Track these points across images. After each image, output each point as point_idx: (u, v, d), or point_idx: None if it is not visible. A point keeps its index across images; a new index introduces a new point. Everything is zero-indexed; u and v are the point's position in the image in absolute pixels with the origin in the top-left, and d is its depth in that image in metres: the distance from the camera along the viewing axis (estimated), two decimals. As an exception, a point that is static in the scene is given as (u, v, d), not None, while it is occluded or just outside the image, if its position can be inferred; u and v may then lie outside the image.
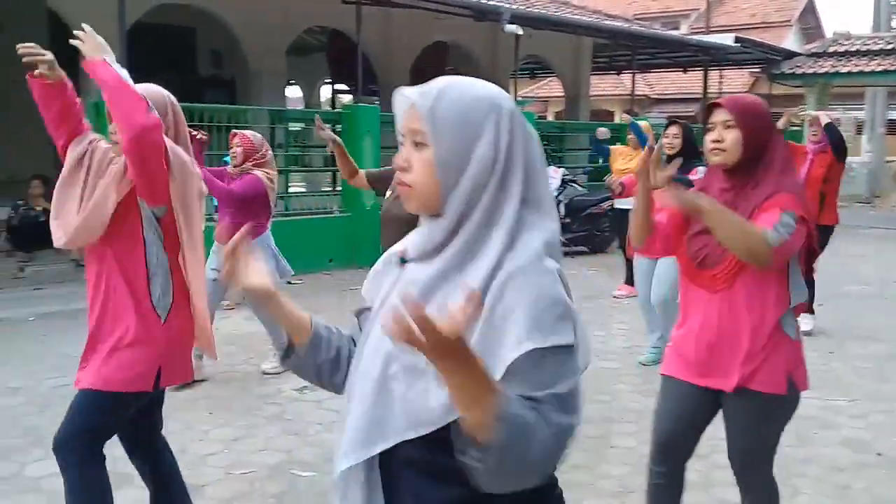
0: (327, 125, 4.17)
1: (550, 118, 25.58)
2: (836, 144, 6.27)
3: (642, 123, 8.09)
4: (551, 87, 28.20)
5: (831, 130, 6.28)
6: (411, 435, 1.23)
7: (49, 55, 2.43)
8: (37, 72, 2.45)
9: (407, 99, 1.29)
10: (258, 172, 4.83)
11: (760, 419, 2.58)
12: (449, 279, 1.26)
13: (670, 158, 5.15)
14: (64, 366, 5.25)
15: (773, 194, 2.39)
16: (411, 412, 1.23)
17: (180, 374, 2.65)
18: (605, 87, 28.45)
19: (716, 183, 2.55)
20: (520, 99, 12.92)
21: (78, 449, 2.51)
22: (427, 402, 1.21)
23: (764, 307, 2.45)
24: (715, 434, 4.21)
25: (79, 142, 2.57)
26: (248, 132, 5.04)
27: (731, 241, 2.33)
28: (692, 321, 2.59)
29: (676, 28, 29.39)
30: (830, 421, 4.45)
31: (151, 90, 2.62)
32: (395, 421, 1.26)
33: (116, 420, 2.60)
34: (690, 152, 5.06)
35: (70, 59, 2.78)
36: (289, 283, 7.39)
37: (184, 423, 4.31)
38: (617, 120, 13.79)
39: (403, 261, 1.37)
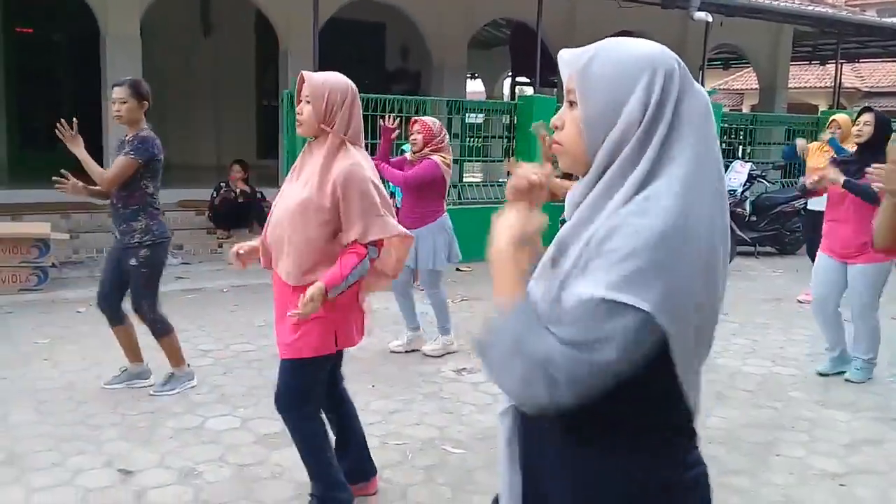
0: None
1: (746, 111, 24.17)
2: None
3: (841, 117, 7.44)
4: (747, 79, 26.65)
5: None
6: None
7: None
8: None
9: (566, 61, 1.32)
10: (435, 157, 5.05)
11: None
12: (577, 233, 1.27)
13: (860, 147, 4.80)
14: (249, 334, 5.72)
15: None
16: None
17: (353, 338, 2.94)
18: (809, 78, 26.45)
19: None
20: (708, 89, 12.30)
21: (292, 407, 2.89)
22: None
23: None
24: (895, 453, 3.87)
25: None
26: (427, 118, 5.24)
27: None
28: None
29: (895, 15, 26.75)
30: None
31: (335, 79, 2.82)
32: None
33: (315, 379, 2.92)
34: (880, 144, 4.67)
35: (272, 59, 3.02)
36: (457, 269, 7.56)
37: (349, 392, 4.55)
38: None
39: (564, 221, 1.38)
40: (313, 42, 8.42)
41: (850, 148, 5.12)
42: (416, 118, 5.25)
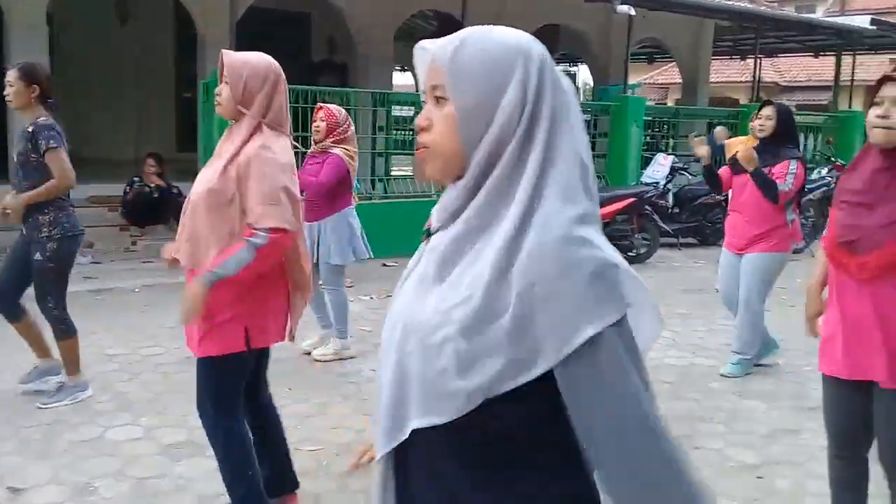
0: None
1: (671, 105, 24.64)
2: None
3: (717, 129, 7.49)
4: (672, 74, 27.16)
5: None
6: (428, 423, 1.13)
7: None
8: None
9: (427, 53, 1.18)
10: (338, 151, 4.79)
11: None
12: (466, 244, 1.13)
13: (763, 141, 4.80)
14: (160, 336, 5.46)
15: None
16: (429, 396, 1.12)
17: (269, 336, 2.74)
18: (731, 73, 27.12)
19: (870, 163, 2.40)
20: (631, 83, 12.44)
21: (206, 408, 2.73)
22: (446, 385, 1.10)
23: None
24: (811, 442, 3.91)
25: None
26: (332, 106, 5.01)
27: None
28: (840, 311, 2.50)
29: (812, 12, 27.74)
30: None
31: (255, 59, 2.66)
32: (413, 405, 1.15)
33: (229, 379, 2.74)
34: (785, 137, 4.74)
35: (191, 49, 2.81)
36: (384, 265, 7.42)
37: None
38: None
39: (429, 233, 1.23)
40: (230, 31, 8.13)
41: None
42: (320, 104, 5.04)
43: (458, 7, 10.22)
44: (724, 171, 5.07)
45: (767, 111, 4.79)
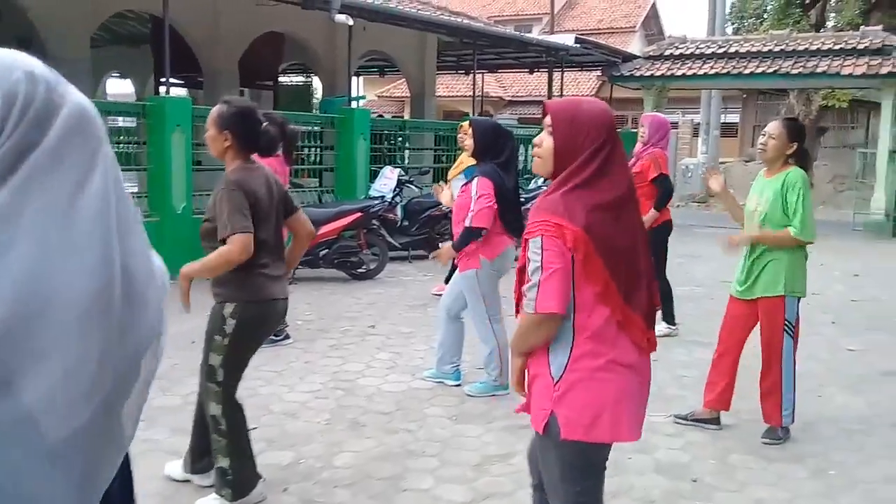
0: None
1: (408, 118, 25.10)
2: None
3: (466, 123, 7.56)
4: (406, 88, 27.74)
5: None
6: None
7: None
8: None
9: None
10: None
11: (541, 462, 2.38)
12: None
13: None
14: None
15: None
16: None
17: None
18: (461, 87, 28.28)
19: None
20: (359, 95, 12.27)
21: None
22: None
23: None
24: (521, 467, 3.75)
25: None
26: None
27: None
28: None
29: (529, 32, 29.75)
30: (647, 442, 4.07)
31: None
32: None
33: None
34: (481, 153, 4.81)
35: None
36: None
37: None
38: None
39: None
40: None
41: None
42: None
43: (161, 8, 9.33)
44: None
45: (465, 127, 4.91)
